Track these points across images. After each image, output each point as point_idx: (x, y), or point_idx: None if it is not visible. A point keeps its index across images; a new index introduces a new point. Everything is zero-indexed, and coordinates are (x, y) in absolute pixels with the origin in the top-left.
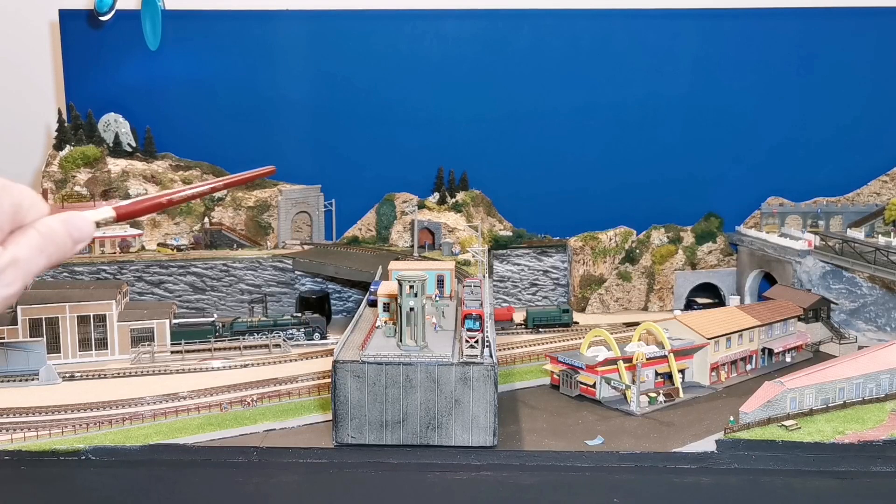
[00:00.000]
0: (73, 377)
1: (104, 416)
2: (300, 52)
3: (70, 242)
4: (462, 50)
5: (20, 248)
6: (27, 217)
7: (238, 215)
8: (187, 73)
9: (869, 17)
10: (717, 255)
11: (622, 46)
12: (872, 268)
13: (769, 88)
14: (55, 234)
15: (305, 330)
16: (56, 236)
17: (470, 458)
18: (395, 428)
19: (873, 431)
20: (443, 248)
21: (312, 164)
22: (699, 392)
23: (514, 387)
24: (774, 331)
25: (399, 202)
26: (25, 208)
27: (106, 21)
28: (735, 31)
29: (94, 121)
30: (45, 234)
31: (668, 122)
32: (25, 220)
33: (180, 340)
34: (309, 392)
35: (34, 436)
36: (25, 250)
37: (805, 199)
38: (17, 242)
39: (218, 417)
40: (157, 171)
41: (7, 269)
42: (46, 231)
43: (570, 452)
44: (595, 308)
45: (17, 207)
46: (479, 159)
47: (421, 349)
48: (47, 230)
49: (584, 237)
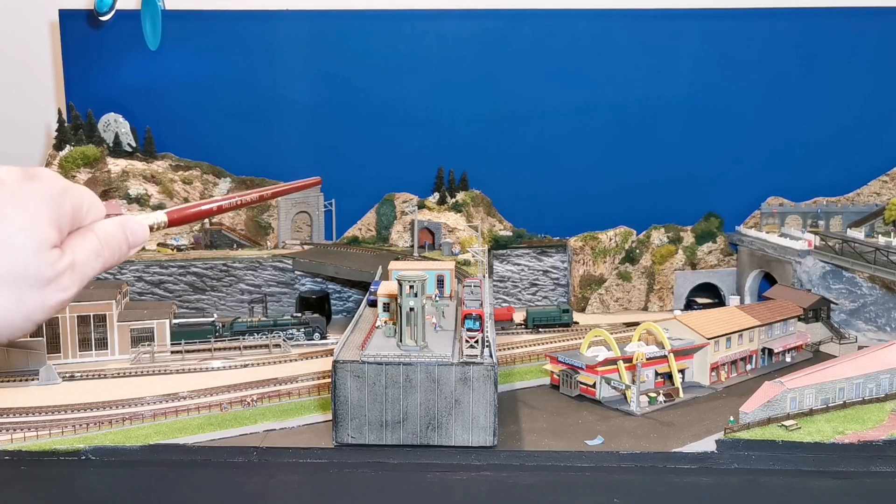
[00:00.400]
0: (73, 377)
1: (104, 416)
2: (300, 52)
3: (125, 246)
4: (462, 50)
5: (78, 251)
6: (86, 219)
7: (238, 215)
8: (187, 73)
9: (869, 17)
10: (717, 255)
11: (622, 46)
12: (872, 268)
13: (769, 88)
14: (112, 238)
15: (305, 330)
16: (113, 240)
17: (470, 458)
18: (395, 428)
19: (873, 431)
20: (443, 248)
21: (312, 165)
22: (699, 392)
23: (514, 387)
24: (774, 331)
25: (399, 202)
26: (84, 210)
27: (106, 21)
28: (735, 31)
29: (94, 121)
30: (103, 238)
31: (668, 122)
32: (84, 222)
33: (180, 340)
34: (309, 392)
35: (34, 436)
36: (83, 254)
37: (805, 199)
38: (76, 246)
39: (218, 417)
40: (157, 171)
41: (65, 273)
42: (104, 235)
43: (570, 452)
44: (595, 308)
45: (77, 209)
46: (479, 159)
47: (421, 349)
48: (105, 234)
49: (584, 237)
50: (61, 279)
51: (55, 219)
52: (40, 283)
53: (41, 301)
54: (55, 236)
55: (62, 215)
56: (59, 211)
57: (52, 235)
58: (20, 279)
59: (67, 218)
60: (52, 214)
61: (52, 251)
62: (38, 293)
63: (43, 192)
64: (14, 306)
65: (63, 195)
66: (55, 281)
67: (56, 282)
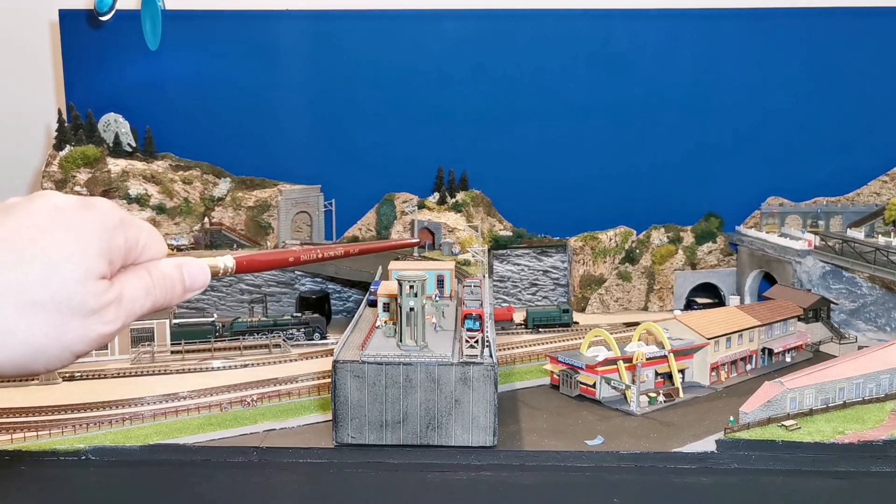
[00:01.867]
0: (73, 377)
1: (104, 416)
2: (300, 52)
3: (181, 289)
4: (462, 50)
5: (127, 286)
6: (142, 255)
7: (238, 215)
8: (187, 73)
9: (869, 17)
10: (717, 255)
11: (622, 46)
12: (872, 268)
13: (769, 88)
14: (166, 279)
15: (305, 330)
16: (167, 281)
17: (470, 458)
18: (395, 428)
19: (873, 431)
20: (443, 248)
21: (312, 164)
22: (699, 392)
23: (514, 387)
24: (774, 331)
25: (399, 202)
26: (140, 246)
27: (106, 21)
28: (735, 31)
29: (94, 121)
30: (156, 278)
31: (668, 122)
32: (140, 259)
33: (180, 340)
34: (309, 392)
35: (34, 436)
36: (132, 290)
37: (805, 199)
38: (126, 281)
39: (218, 417)
40: (157, 171)
41: (110, 307)
42: (158, 275)
43: (570, 452)
44: (595, 308)
45: (132, 244)
46: (479, 159)
47: (421, 349)
48: (159, 273)
49: (584, 237)
50: (106, 312)
51: (106, 250)
52: (83, 312)
53: (82, 332)
54: (104, 268)
55: (115, 248)
56: (112, 243)
57: (101, 266)
58: (62, 306)
59: (120, 251)
60: (103, 246)
61: (98, 282)
62: (80, 323)
63: (97, 223)
64: (54, 334)
65: (119, 227)
66: (99, 313)
67: (100, 314)
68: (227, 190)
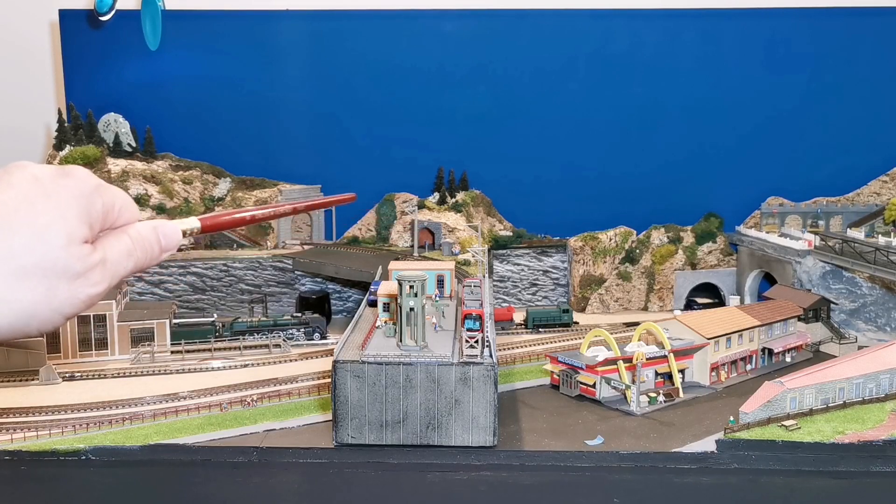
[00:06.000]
0: (73, 377)
1: (104, 416)
2: (300, 52)
3: (158, 249)
4: (462, 50)
5: (110, 249)
6: (118, 220)
7: None
8: (187, 73)
9: (869, 17)
10: (717, 255)
11: (622, 46)
12: (872, 268)
13: (769, 88)
14: (144, 240)
15: (305, 330)
16: (145, 242)
17: (470, 458)
18: (395, 428)
19: (873, 431)
20: (443, 248)
21: (312, 164)
22: (699, 392)
23: (514, 387)
24: (774, 331)
25: (399, 202)
26: (117, 210)
27: (106, 21)
28: (735, 31)
29: (94, 121)
30: (136, 239)
31: (668, 122)
32: (117, 223)
33: (180, 340)
34: (309, 392)
35: (34, 436)
36: (115, 252)
37: (805, 199)
38: (108, 244)
39: (218, 417)
40: (157, 171)
41: (95, 269)
42: (136, 236)
43: (570, 452)
44: (595, 308)
45: (109, 208)
46: (479, 159)
47: (421, 349)
48: (137, 235)
49: (584, 237)
50: (91, 274)
51: (86, 215)
52: (69, 276)
53: (71, 294)
54: (85, 232)
55: (93, 212)
56: (91, 208)
57: (83, 231)
58: (49, 271)
59: (99, 216)
60: (82, 211)
61: (82, 246)
62: (68, 286)
63: (75, 189)
64: (43, 298)
65: (95, 193)
66: (85, 275)
67: (86, 276)
68: (227, 190)
